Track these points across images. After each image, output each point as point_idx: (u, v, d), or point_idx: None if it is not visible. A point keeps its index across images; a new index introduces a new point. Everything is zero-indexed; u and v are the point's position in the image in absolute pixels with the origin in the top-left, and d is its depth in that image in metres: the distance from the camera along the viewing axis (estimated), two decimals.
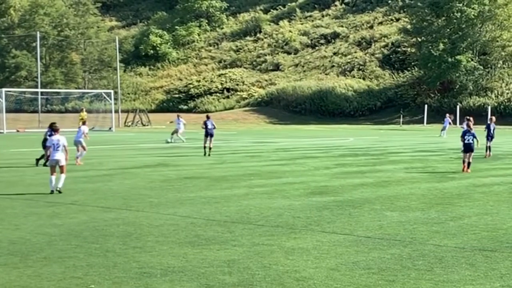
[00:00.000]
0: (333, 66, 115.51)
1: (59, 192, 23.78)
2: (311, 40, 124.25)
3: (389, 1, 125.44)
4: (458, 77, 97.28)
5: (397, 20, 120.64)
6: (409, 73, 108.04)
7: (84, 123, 40.79)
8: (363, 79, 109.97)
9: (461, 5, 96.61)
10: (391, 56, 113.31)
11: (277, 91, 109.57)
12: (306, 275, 13.09)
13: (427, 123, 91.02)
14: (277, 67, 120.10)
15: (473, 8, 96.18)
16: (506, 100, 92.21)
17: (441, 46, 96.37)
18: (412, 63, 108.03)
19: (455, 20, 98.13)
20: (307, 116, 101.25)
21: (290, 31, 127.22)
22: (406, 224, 18.42)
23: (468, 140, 32.22)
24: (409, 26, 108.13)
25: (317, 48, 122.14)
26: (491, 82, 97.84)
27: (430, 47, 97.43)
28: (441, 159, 38.61)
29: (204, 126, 42.47)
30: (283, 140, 58.76)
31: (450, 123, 69.10)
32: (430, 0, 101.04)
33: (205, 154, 40.71)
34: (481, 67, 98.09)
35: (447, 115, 71.84)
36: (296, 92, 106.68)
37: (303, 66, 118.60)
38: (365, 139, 58.57)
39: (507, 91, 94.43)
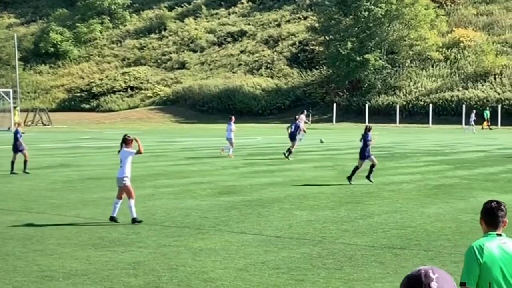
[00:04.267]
0: (240, 64, 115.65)
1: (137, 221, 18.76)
2: (218, 38, 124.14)
3: (297, 0, 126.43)
4: (367, 76, 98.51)
5: (305, 18, 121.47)
6: (317, 72, 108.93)
7: (230, 119, 42.16)
8: (271, 77, 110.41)
9: (368, 4, 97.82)
10: (299, 54, 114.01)
11: (183, 90, 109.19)
12: (214, 276, 13.07)
13: (336, 122, 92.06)
14: (183, 65, 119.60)
15: (380, 7, 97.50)
16: (414, 99, 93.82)
17: (349, 45, 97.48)
18: (321, 62, 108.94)
19: (362, 19, 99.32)
20: (215, 115, 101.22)
21: (196, 29, 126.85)
22: (316, 223, 18.60)
23: None
24: (317, 25, 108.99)
25: (223, 46, 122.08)
26: (399, 81, 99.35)
27: (338, 45, 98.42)
28: (351, 158, 39.09)
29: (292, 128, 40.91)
30: (190, 139, 58.67)
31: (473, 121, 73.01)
32: None
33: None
34: (389, 66, 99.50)
35: (475, 111, 76.39)
36: (203, 91, 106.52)
37: (209, 65, 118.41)
38: (274, 138, 58.91)
39: (415, 90, 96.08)
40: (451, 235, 16.97)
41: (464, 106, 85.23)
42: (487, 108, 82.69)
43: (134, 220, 18.46)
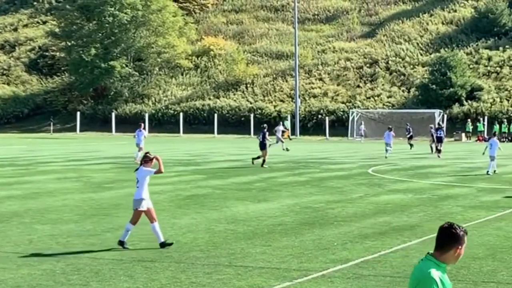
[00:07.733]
0: None
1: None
2: None
3: (35, 3, 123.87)
4: (113, 83, 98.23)
5: (44, 23, 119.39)
6: (59, 79, 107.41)
7: (140, 126, 46.80)
8: (8, 84, 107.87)
9: (113, 9, 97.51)
10: (38, 60, 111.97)
11: None
12: None
13: (80, 131, 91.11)
14: None
15: (125, 13, 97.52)
16: (164, 108, 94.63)
17: (93, 51, 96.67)
18: (62, 68, 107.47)
19: (107, 25, 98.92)
20: None
21: None
22: (59, 237, 18.18)
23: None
24: (57, 30, 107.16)
25: None
26: (148, 89, 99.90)
27: (81, 51, 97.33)
28: (97, 169, 38.64)
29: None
30: None
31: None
32: (79, 3, 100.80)
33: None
34: (137, 73, 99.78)
35: (281, 122, 66.24)
36: None
37: None
38: (11, 149, 57.23)
39: (164, 98, 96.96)
40: (204, 246, 17.08)
41: (216, 115, 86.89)
42: (286, 118, 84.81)
43: (162, 245, 16.96)
